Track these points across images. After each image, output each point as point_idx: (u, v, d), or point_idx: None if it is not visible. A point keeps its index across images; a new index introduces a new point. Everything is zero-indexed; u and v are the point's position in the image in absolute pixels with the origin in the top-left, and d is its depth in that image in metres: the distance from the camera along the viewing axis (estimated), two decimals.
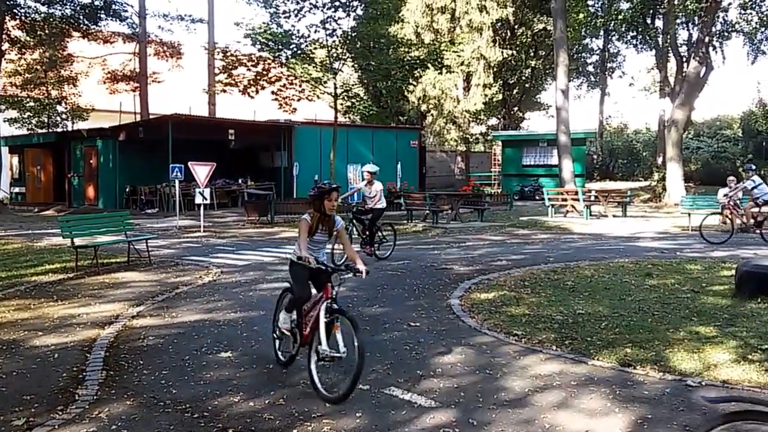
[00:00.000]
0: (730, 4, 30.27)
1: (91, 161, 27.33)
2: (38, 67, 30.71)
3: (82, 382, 5.67)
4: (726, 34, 32.55)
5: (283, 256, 13.40)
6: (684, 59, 31.45)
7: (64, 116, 32.50)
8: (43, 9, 28.09)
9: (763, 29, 32.48)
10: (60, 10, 28.35)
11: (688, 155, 37.54)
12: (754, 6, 29.89)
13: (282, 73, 21.62)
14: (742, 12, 30.94)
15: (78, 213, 22.22)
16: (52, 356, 6.41)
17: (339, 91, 20.90)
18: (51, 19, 28.17)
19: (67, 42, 31.26)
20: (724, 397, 4.20)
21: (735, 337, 6.67)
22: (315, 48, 20.70)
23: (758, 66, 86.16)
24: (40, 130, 31.30)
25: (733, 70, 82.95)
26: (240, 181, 27.42)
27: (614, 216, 22.04)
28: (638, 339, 6.69)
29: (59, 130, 31.52)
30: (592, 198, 22.97)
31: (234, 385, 5.57)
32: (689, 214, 18.43)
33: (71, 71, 32.25)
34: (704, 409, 4.87)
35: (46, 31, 28.65)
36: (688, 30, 35.07)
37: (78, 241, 11.74)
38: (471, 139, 39.87)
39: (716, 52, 32.97)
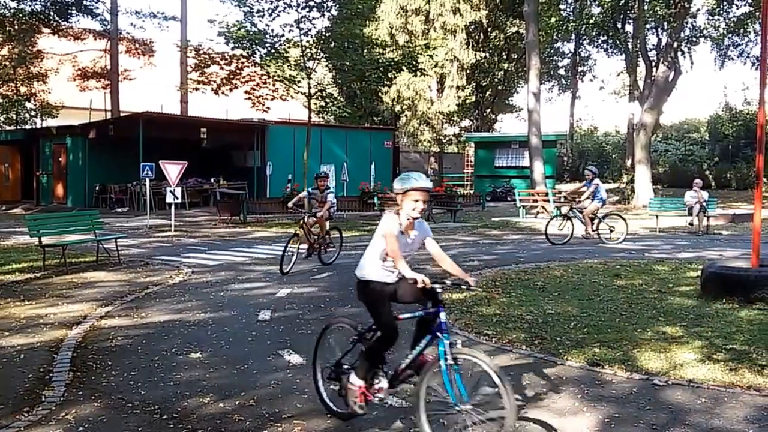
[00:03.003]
0: (698, 10, 30.84)
1: (60, 159, 26.92)
2: (7, 64, 30.15)
3: (48, 383, 5.59)
4: (694, 39, 33.22)
5: (255, 256, 13.36)
6: (653, 64, 31.96)
7: (33, 113, 31.98)
8: (13, 4, 27.64)
9: (730, 35, 33.17)
10: (30, 5, 27.89)
11: (656, 158, 38.16)
12: (721, 12, 30.51)
13: (255, 72, 21.48)
14: (710, 18, 31.63)
15: (46, 211, 21.85)
16: (18, 357, 6.31)
17: (313, 91, 20.84)
18: (20, 15, 27.68)
19: (37, 38, 30.74)
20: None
21: (700, 337, 6.80)
22: (289, 47, 20.62)
23: (725, 71, 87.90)
24: (8, 127, 30.75)
25: (701, 74, 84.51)
26: (212, 180, 27.21)
27: None
28: (606, 339, 6.78)
29: (28, 127, 30.99)
30: (562, 199, 23.23)
31: (204, 386, 5.53)
32: (657, 216, 18.75)
33: (41, 68, 31.70)
34: (671, 408, 4.97)
35: (16, 27, 28.14)
36: (657, 35, 35.73)
37: (46, 240, 11.56)
38: (444, 140, 40.07)
39: (684, 57, 33.63)
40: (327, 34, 20.03)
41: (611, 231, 15.37)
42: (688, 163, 39.87)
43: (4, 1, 27.45)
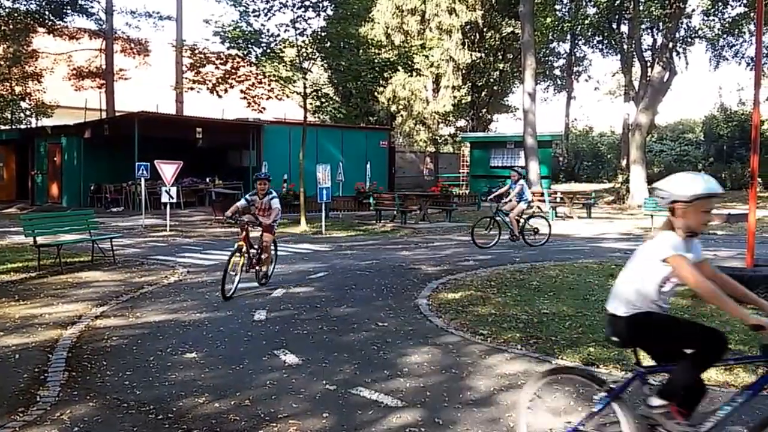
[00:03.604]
0: (693, 10, 30.91)
1: (56, 159, 26.86)
2: (2, 63, 30.08)
3: (43, 383, 5.58)
4: (689, 39, 33.30)
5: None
6: (648, 64, 32.01)
7: (28, 113, 31.89)
8: (8, 3, 27.58)
9: (725, 36, 33.28)
10: (25, 4, 27.85)
11: (651, 158, 38.21)
12: (716, 13, 30.60)
13: (251, 72, 21.46)
14: (705, 18, 31.70)
15: (41, 211, 21.80)
16: (13, 357, 6.29)
17: (309, 90, 20.82)
18: (15, 14, 27.62)
19: (32, 37, 30.68)
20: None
21: None
22: (284, 47, 20.60)
23: (720, 71, 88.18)
24: (3, 127, 30.66)
25: (696, 75, 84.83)
26: (207, 180, 27.17)
27: (579, 217, 22.33)
28: (601, 338, 6.77)
29: (23, 126, 30.89)
30: (558, 199, 23.29)
31: (199, 386, 5.53)
32: (652, 216, 18.78)
33: (36, 67, 31.64)
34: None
35: (11, 26, 28.09)
36: (652, 35, 35.78)
37: (41, 240, 11.53)
38: (440, 140, 40.06)
39: (680, 57, 33.72)
40: (323, 34, 20.01)
41: (535, 233, 15.34)
42: (683, 163, 39.93)
43: None
